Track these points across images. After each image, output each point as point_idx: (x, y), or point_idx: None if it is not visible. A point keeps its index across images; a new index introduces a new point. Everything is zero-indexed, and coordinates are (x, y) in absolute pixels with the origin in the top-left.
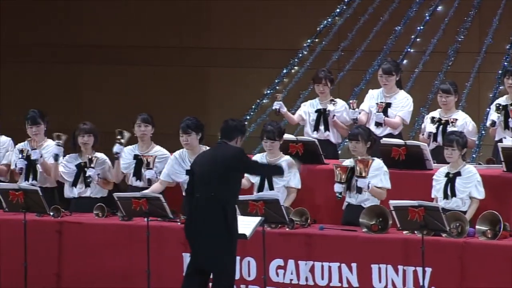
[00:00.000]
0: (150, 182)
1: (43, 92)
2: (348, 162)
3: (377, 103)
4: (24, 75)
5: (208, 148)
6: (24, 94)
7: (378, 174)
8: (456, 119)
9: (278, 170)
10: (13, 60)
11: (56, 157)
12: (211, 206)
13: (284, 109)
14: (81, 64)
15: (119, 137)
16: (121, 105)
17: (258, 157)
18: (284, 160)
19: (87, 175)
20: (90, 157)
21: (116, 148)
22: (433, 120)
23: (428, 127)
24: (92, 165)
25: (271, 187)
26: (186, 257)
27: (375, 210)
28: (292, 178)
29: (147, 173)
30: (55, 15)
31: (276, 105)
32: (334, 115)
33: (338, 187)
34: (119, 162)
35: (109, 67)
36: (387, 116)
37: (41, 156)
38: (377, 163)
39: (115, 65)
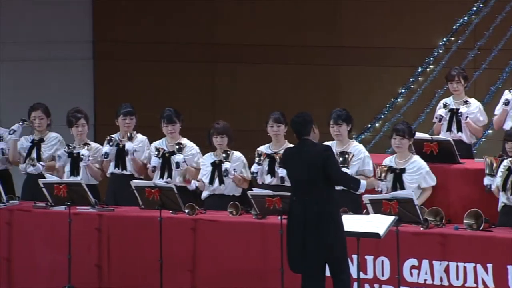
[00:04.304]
0: (283, 180)
1: (178, 90)
2: (506, 162)
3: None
4: (159, 73)
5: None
6: (159, 92)
7: None
8: None
9: (356, 183)
10: (159, 59)
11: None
12: (319, 209)
13: None
14: (215, 63)
15: (257, 159)
16: (254, 103)
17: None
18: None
19: (223, 169)
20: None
21: (253, 167)
22: None
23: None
24: (228, 160)
25: None
26: None
27: None
28: (425, 178)
29: (280, 171)
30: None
31: None
32: (467, 117)
33: (487, 180)
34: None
35: (243, 66)
36: None
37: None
38: None
39: (250, 64)
